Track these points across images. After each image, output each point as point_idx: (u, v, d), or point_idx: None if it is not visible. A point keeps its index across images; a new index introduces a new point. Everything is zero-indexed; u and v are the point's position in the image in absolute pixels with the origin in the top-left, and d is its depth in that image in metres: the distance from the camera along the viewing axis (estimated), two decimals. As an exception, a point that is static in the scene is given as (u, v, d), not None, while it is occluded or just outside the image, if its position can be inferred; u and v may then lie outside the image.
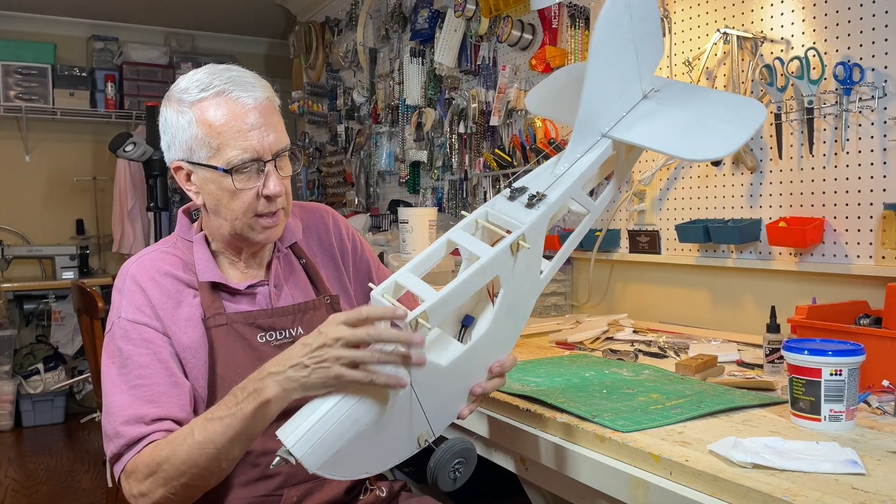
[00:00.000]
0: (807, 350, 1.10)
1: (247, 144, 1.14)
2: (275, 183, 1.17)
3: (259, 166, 1.16)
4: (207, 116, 1.15)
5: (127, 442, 1.08)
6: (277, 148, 1.17)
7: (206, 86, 1.16)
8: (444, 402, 1.03)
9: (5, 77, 4.59)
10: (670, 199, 2.17)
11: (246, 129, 1.14)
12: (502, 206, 1.07)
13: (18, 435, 4.26)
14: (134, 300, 1.18)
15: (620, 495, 1.04)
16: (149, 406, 1.10)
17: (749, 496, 0.87)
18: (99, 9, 4.75)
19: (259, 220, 1.19)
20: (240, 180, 1.16)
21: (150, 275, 1.20)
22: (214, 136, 1.15)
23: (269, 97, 1.19)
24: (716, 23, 2.01)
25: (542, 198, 1.05)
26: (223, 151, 1.14)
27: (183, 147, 1.18)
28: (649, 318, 2.23)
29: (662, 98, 1.17)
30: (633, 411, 1.19)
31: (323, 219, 1.41)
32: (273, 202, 1.19)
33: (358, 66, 3.96)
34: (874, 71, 1.63)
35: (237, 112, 1.15)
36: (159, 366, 1.14)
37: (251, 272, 1.28)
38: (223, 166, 1.15)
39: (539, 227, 1.04)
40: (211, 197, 1.20)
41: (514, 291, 1.03)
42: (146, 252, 1.26)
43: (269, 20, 5.09)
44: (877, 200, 1.64)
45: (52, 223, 4.89)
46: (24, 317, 4.65)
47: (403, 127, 3.49)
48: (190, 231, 1.28)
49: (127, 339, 1.15)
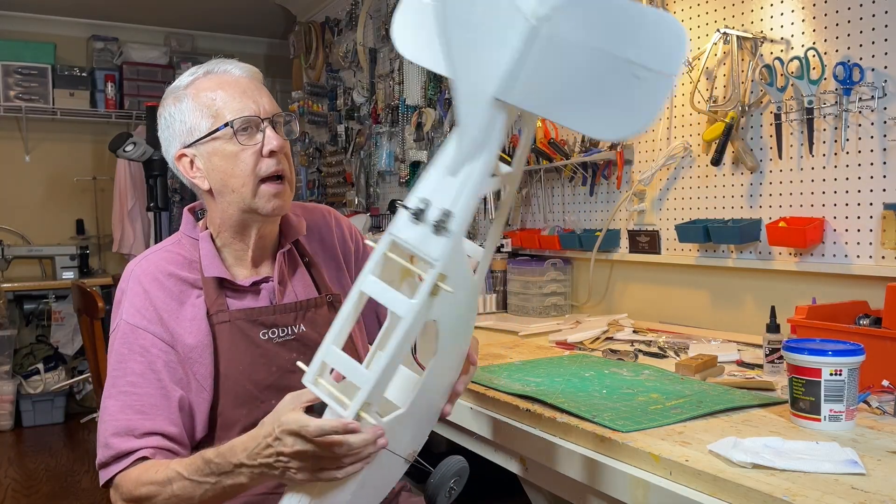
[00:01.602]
0: (807, 350, 1.10)
1: (243, 104, 1.20)
2: (275, 137, 1.20)
3: (257, 123, 1.20)
4: (203, 92, 1.21)
5: (115, 454, 1.09)
6: (273, 111, 1.22)
7: (194, 71, 1.24)
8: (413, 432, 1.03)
9: (5, 77, 4.59)
10: (670, 199, 2.17)
11: (239, 93, 1.21)
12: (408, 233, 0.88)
13: (18, 435, 4.26)
14: (136, 302, 1.18)
15: (620, 495, 1.04)
16: (139, 417, 1.11)
17: (749, 496, 0.87)
18: (99, 9, 4.75)
19: (265, 186, 1.20)
20: (239, 140, 1.19)
21: (153, 275, 1.21)
22: (211, 104, 1.20)
23: (255, 76, 1.26)
24: (716, 23, 2.01)
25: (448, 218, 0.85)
26: (222, 114, 1.19)
27: (184, 132, 1.21)
28: (649, 318, 2.23)
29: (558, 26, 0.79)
30: (633, 411, 1.19)
31: (325, 219, 1.42)
32: (277, 160, 1.20)
33: (358, 66, 3.95)
34: (874, 71, 1.63)
35: (229, 80, 1.22)
36: (152, 376, 1.14)
37: (255, 268, 1.28)
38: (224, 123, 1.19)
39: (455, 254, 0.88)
40: (216, 172, 1.21)
41: (451, 319, 0.95)
42: (150, 252, 1.27)
43: (269, 20, 5.08)
44: (877, 200, 1.64)
45: (52, 223, 4.89)
46: (24, 317, 4.64)
47: (403, 127, 3.49)
48: (195, 229, 1.28)
49: (125, 343, 1.16)
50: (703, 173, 2.06)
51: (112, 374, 1.15)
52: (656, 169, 2.17)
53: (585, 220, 2.49)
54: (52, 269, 4.72)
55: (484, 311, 2.56)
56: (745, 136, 1.93)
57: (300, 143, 4.63)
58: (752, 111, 1.91)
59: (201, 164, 1.22)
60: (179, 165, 1.24)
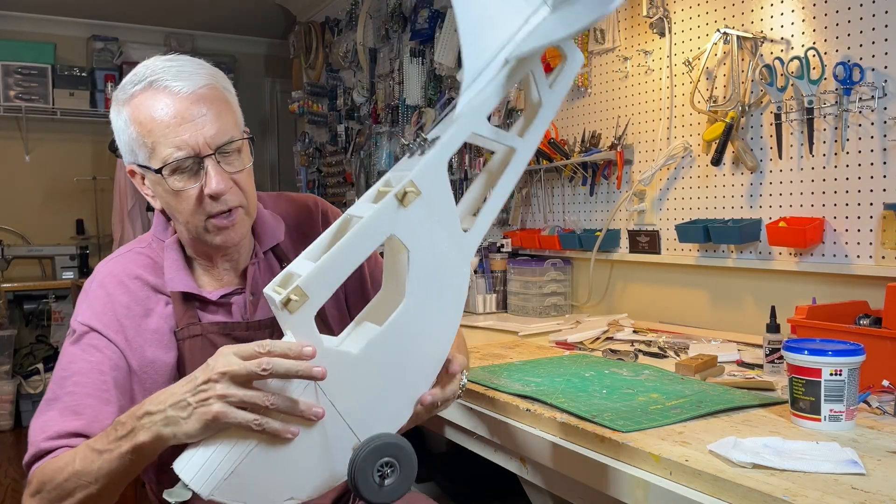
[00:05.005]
0: (807, 350, 1.10)
1: (179, 140, 1.04)
2: (217, 181, 1.06)
3: (196, 163, 1.06)
4: (139, 113, 1.06)
5: (36, 452, 1.01)
6: (219, 141, 1.06)
7: (139, 79, 1.07)
8: (372, 400, 0.88)
9: (5, 77, 4.59)
10: (670, 199, 2.17)
11: (176, 124, 1.04)
12: (400, 164, 0.93)
13: (18, 435, 4.26)
14: (95, 305, 1.11)
15: (620, 495, 1.04)
16: (72, 417, 1.02)
17: (749, 496, 0.87)
18: (99, 9, 4.75)
19: (212, 221, 1.09)
20: (179, 180, 1.06)
21: (119, 279, 1.13)
22: (147, 134, 1.05)
23: (210, 84, 1.08)
24: (716, 23, 2.01)
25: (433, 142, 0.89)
26: (157, 150, 1.05)
27: (126, 150, 1.10)
28: (649, 318, 2.23)
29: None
30: (633, 411, 1.19)
31: (311, 213, 1.30)
32: (221, 201, 1.08)
33: (358, 66, 3.96)
34: (874, 71, 1.63)
35: (167, 104, 1.04)
36: (97, 377, 1.06)
37: (227, 279, 1.18)
38: (158, 166, 1.06)
39: (434, 171, 0.87)
40: (162, 200, 1.12)
41: (427, 252, 0.88)
42: (118, 253, 1.19)
43: (269, 20, 5.09)
44: (877, 200, 1.64)
45: (52, 223, 4.89)
46: (24, 317, 4.65)
47: (403, 127, 3.49)
48: (165, 232, 1.19)
49: (76, 344, 1.09)
50: (703, 173, 2.06)
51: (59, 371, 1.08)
52: (656, 169, 2.17)
53: (585, 220, 2.49)
54: (52, 269, 4.72)
55: (484, 311, 2.56)
56: (745, 136, 1.93)
57: (300, 143, 4.63)
58: (752, 111, 1.91)
59: (149, 185, 1.12)
60: (133, 179, 1.14)
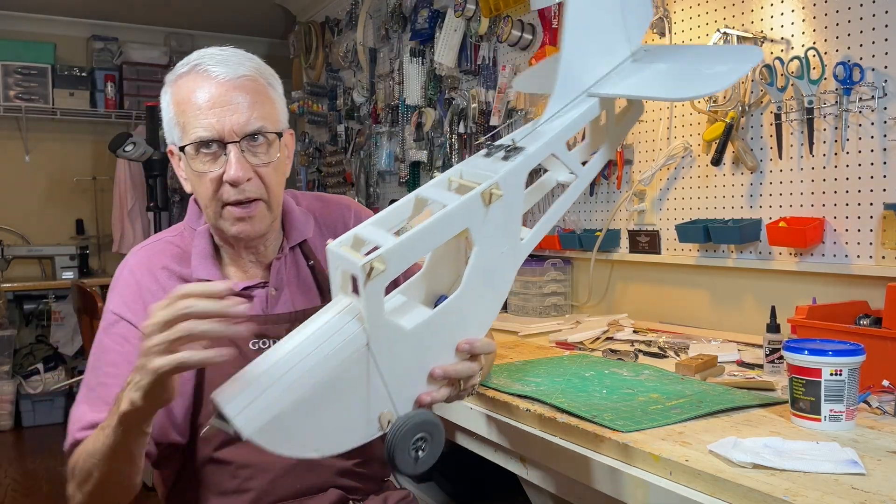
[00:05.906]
0: (807, 350, 1.10)
1: (207, 122, 1.06)
2: (236, 167, 1.07)
3: (220, 147, 1.08)
4: (179, 94, 1.10)
5: (73, 442, 1.07)
6: (247, 130, 1.08)
7: (186, 62, 1.11)
8: (409, 377, 0.91)
9: (5, 77, 4.59)
10: (670, 199, 2.17)
11: (207, 107, 1.06)
12: (478, 162, 0.99)
13: (18, 435, 4.26)
14: (125, 293, 1.14)
15: (620, 495, 1.04)
16: (104, 407, 1.04)
17: (749, 496, 0.87)
18: (99, 9, 4.75)
19: (229, 208, 1.11)
20: (202, 162, 1.09)
21: (147, 267, 1.16)
22: (181, 113, 1.09)
23: (251, 76, 1.10)
24: (716, 23, 2.01)
25: (519, 150, 0.96)
26: (188, 131, 1.08)
27: (167, 129, 1.14)
28: (649, 318, 2.23)
29: (653, 56, 1.05)
30: (633, 411, 1.19)
31: (343, 215, 1.31)
32: (238, 189, 1.09)
33: (358, 66, 3.95)
34: (874, 71, 1.62)
35: (205, 87, 1.07)
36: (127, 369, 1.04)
37: (252, 271, 1.21)
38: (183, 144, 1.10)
39: (516, 179, 0.93)
40: (190, 182, 1.15)
41: (490, 252, 0.93)
42: (149, 242, 1.22)
43: (269, 20, 5.08)
44: (877, 200, 1.64)
45: (52, 223, 4.89)
46: (24, 317, 4.65)
47: (403, 127, 3.49)
48: (199, 220, 1.21)
49: (107, 333, 1.12)
50: (703, 173, 2.06)
51: (93, 362, 1.11)
52: (656, 169, 2.17)
53: (585, 220, 2.49)
54: (51, 269, 4.72)
55: (484, 311, 2.55)
56: (746, 136, 1.93)
57: (300, 142, 4.63)
58: (753, 111, 1.91)
59: (183, 170, 1.16)
60: (172, 159, 1.18)
